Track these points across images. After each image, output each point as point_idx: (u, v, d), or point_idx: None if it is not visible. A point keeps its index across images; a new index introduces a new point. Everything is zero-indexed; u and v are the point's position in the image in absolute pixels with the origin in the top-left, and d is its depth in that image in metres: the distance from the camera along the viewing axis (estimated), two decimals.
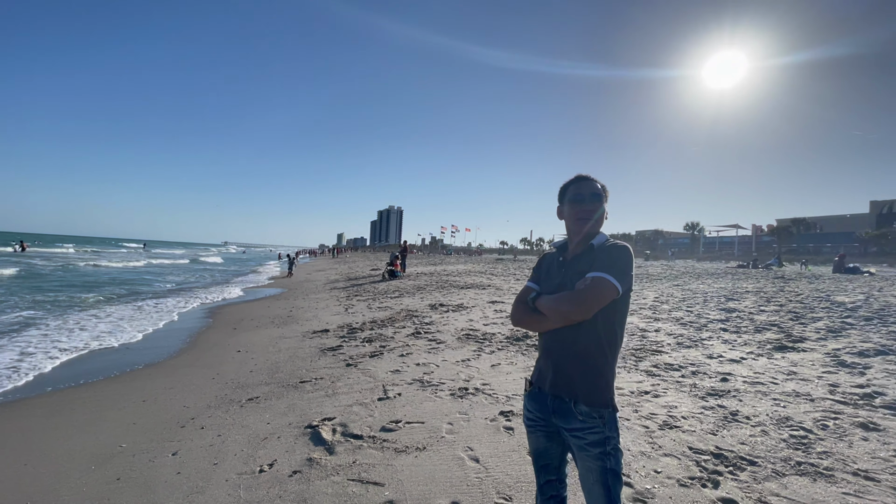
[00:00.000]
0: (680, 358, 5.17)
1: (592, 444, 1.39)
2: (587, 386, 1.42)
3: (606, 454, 1.38)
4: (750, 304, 9.57)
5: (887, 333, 6.34)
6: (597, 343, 1.43)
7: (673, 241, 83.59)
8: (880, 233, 53.40)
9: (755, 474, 2.55)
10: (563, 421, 1.46)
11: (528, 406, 1.59)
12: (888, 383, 4.15)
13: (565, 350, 1.46)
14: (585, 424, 1.40)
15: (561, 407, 1.46)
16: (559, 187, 1.62)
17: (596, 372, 1.43)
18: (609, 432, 1.40)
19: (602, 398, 1.42)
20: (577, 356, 1.44)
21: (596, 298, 1.36)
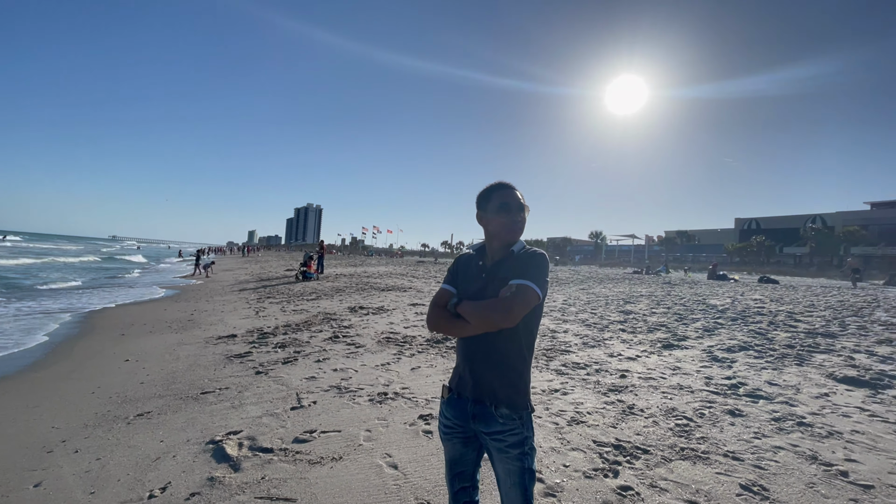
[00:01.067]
0: (585, 357, 5.58)
1: (512, 446, 1.43)
2: (509, 390, 1.46)
3: (525, 454, 1.43)
4: (644, 307, 10.65)
5: (748, 332, 7.44)
6: (517, 348, 1.47)
7: (579, 248, 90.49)
8: (743, 245, 62.86)
9: (648, 461, 2.83)
10: (484, 426, 1.48)
11: (446, 413, 1.57)
12: (749, 374, 4.87)
13: (487, 355, 1.48)
14: (506, 427, 1.44)
15: (482, 412, 1.48)
16: (479, 193, 1.60)
17: (517, 375, 1.47)
18: (527, 432, 1.46)
19: (522, 401, 1.47)
20: (499, 361, 1.47)
21: (522, 306, 1.39)
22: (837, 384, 4.56)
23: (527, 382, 1.50)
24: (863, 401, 4.05)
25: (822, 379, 4.73)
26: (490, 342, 1.47)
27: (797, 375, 4.84)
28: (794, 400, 4.05)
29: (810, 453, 2.97)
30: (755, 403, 3.95)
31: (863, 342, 6.65)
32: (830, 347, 6.23)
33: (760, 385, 4.47)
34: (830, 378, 4.75)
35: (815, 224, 59.71)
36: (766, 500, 2.41)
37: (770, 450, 3.02)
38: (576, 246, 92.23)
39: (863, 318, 9.19)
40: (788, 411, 3.75)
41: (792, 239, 61.19)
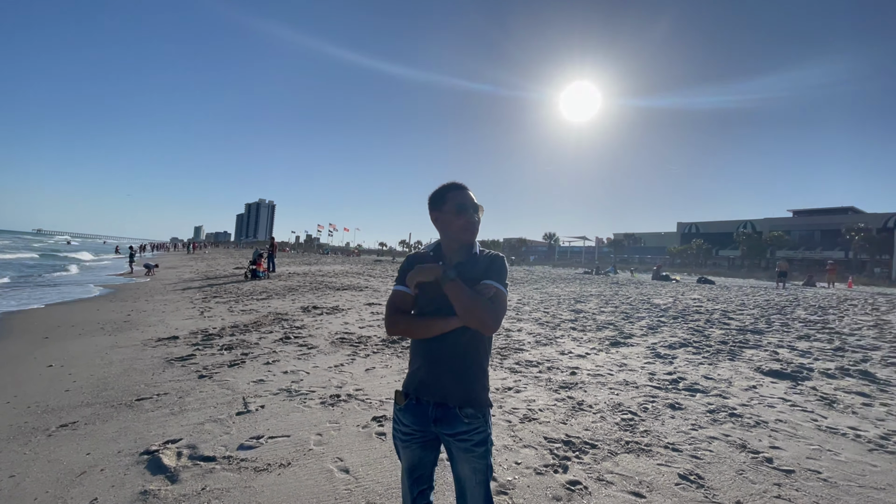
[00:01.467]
0: (538, 355, 5.72)
1: (478, 444, 1.45)
2: (475, 389, 1.48)
3: (488, 451, 1.47)
4: (593, 306, 11.08)
5: (687, 329, 7.91)
6: (482, 347, 1.51)
7: (534, 249, 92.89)
8: (684, 248, 67.05)
9: (595, 456, 2.93)
10: (448, 428, 1.46)
11: (403, 420, 1.51)
12: (688, 369, 5.17)
13: (454, 355, 1.46)
14: (471, 426, 1.45)
15: (446, 414, 1.46)
16: (432, 193, 1.58)
17: (483, 373, 1.51)
18: (489, 429, 1.50)
19: (486, 398, 1.50)
20: (466, 360, 1.47)
21: (504, 310, 1.45)
22: (764, 377, 4.94)
23: (488, 380, 1.55)
24: (785, 392, 4.42)
25: (751, 372, 5.11)
26: (456, 341, 1.45)
27: (729, 370, 5.21)
28: (726, 393, 4.35)
29: (740, 442, 3.20)
30: (693, 397, 4.20)
31: (785, 338, 7.26)
32: (758, 343, 6.76)
33: (698, 379, 4.77)
34: (758, 371, 5.15)
35: (745, 229, 64.65)
36: (702, 487, 2.56)
37: (705, 440, 3.22)
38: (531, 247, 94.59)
39: (786, 316, 10.03)
40: (722, 403, 4.02)
41: (727, 242, 65.95)
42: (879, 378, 4.98)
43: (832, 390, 4.50)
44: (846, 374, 5.09)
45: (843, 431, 3.45)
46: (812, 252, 56.49)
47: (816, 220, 62.11)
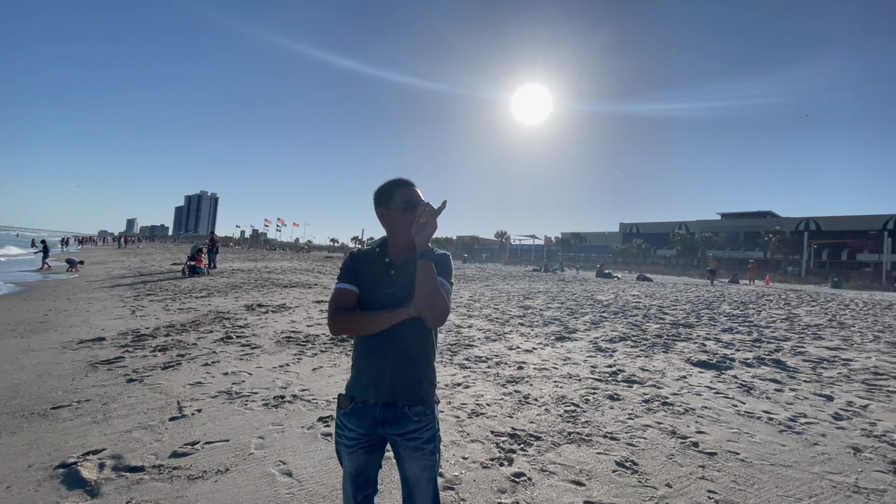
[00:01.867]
0: (487, 350, 5.83)
1: (427, 441, 1.44)
2: (424, 386, 1.47)
3: (436, 448, 1.46)
4: (541, 303, 11.44)
5: (627, 324, 8.36)
6: (429, 343, 1.50)
7: (486, 247, 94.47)
8: (625, 247, 70.91)
9: (539, 447, 3.03)
10: (397, 428, 1.43)
11: (349, 425, 1.46)
12: (626, 362, 5.47)
13: (403, 353, 1.43)
14: (420, 424, 1.43)
15: (395, 414, 1.43)
16: (378, 189, 1.55)
17: (429, 370, 1.50)
18: (438, 426, 1.49)
19: (433, 395, 1.50)
20: (415, 357, 1.46)
21: (448, 302, 1.44)
22: (693, 367, 5.33)
23: (436, 376, 1.55)
24: (710, 381, 4.79)
25: (682, 363, 5.50)
26: (403, 338, 1.43)
27: (663, 361, 5.57)
28: (660, 383, 4.65)
29: (671, 429, 3.43)
30: (630, 388, 4.45)
31: (712, 331, 7.87)
32: (689, 336, 7.27)
33: (635, 371, 5.06)
34: (688, 362, 5.54)
35: (680, 230, 69.34)
36: (636, 473, 2.72)
37: (640, 428, 3.42)
38: (483, 244, 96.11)
39: (713, 311, 10.87)
40: (656, 393, 4.29)
41: (664, 242, 70.40)
42: (789, 366, 5.53)
43: (750, 378, 4.94)
44: (762, 363, 5.61)
45: (758, 415, 3.80)
46: (737, 252, 61.63)
47: (741, 223, 67.81)
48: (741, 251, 61.59)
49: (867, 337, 8.03)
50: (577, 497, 2.43)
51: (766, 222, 62.72)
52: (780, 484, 2.66)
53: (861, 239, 54.24)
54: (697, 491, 2.54)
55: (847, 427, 3.60)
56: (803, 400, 4.26)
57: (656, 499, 2.44)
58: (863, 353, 6.50)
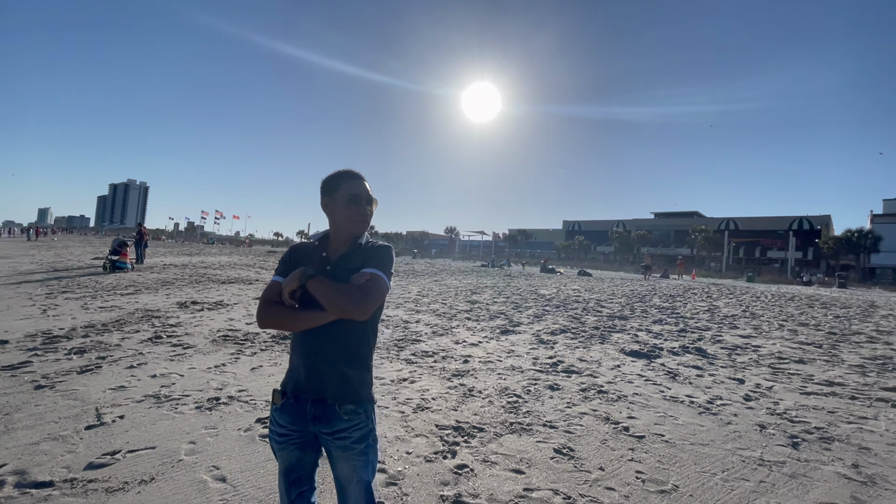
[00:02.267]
0: (434, 345, 5.86)
1: (358, 441, 1.40)
2: (355, 384, 1.42)
3: (369, 447, 1.43)
4: (487, 297, 11.67)
5: (567, 317, 8.74)
6: (365, 340, 1.45)
7: (436, 242, 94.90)
8: (568, 244, 74.04)
9: (482, 439, 3.10)
10: (326, 426, 1.40)
11: (280, 420, 1.45)
12: (566, 353, 5.72)
13: (333, 349, 1.41)
14: (351, 423, 1.40)
15: (324, 412, 1.40)
16: (325, 178, 1.52)
17: (364, 368, 1.46)
18: (371, 424, 1.45)
19: (367, 393, 1.45)
20: (345, 354, 1.42)
21: (375, 297, 1.37)
22: (626, 357, 5.68)
23: (371, 375, 1.49)
24: (641, 369, 5.13)
25: (616, 353, 5.84)
26: (335, 335, 1.40)
27: (600, 352, 5.88)
28: (596, 372, 4.91)
29: (605, 415, 3.64)
30: (569, 378, 4.66)
31: (644, 322, 8.42)
32: (623, 328, 7.73)
33: (574, 362, 5.30)
34: (622, 352, 5.90)
35: (618, 228, 73.47)
36: (573, 459, 2.86)
37: (577, 416, 3.60)
38: (432, 240, 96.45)
39: (645, 304, 11.63)
40: (592, 382, 4.53)
41: (603, 239, 74.25)
42: (709, 353, 6.05)
43: (676, 365, 5.34)
44: (686, 351, 6.09)
45: (681, 399, 4.12)
46: (668, 249, 66.31)
47: (671, 222, 72.95)
48: (672, 248, 66.36)
49: (773, 325, 8.96)
50: (517, 485, 2.51)
51: (693, 221, 67.97)
52: (699, 461, 2.90)
53: (771, 238, 60.27)
54: (627, 472, 2.71)
55: (755, 407, 4.00)
56: (720, 384, 4.68)
57: (590, 482, 2.58)
58: (770, 340, 7.25)
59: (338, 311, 1.34)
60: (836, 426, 3.61)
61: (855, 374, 5.33)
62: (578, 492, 2.47)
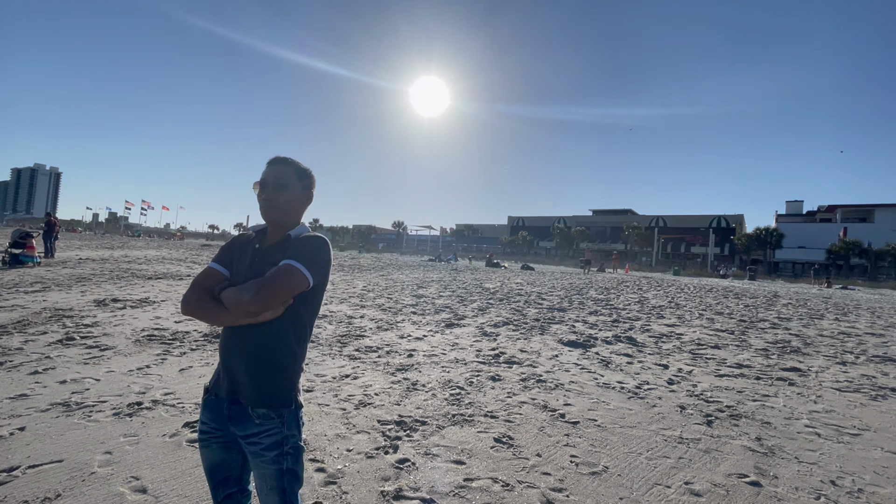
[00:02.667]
0: (378, 340, 5.80)
1: (269, 448, 1.31)
2: (269, 387, 1.34)
3: (284, 455, 1.32)
4: (433, 291, 11.72)
5: (510, 310, 8.99)
6: (284, 339, 1.35)
7: (383, 237, 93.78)
8: (513, 239, 76.13)
9: (425, 432, 3.11)
10: (240, 428, 1.34)
11: (204, 417, 1.40)
12: (508, 344, 5.89)
13: (245, 348, 1.34)
14: (262, 428, 1.32)
15: (239, 413, 1.34)
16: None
17: (279, 370, 1.35)
18: (288, 431, 1.34)
19: (285, 397, 1.35)
20: (260, 354, 1.34)
21: (284, 288, 1.27)
22: (564, 347, 5.94)
23: (293, 378, 1.38)
24: (577, 358, 5.39)
25: (555, 343, 6.09)
26: (250, 332, 1.33)
27: (539, 343, 6.11)
28: (536, 362, 5.09)
29: (543, 403, 3.78)
30: (510, 368, 4.80)
31: (581, 314, 8.85)
32: (562, 319, 8.08)
33: (515, 353, 5.47)
34: (560, 342, 6.16)
35: (559, 224, 76.57)
36: (511, 447, 2.95)
37: (517, 405, 3.72)
38: (380, 234, 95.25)
39: (583, 296, 12.22)
40: (532, 372, 4.70)
41: (545, 235, 77.07)
42: (639, 342, 6.48)
43: (609, 354, 5.67)
44: (618, 340, 6.48)
45: (613, 385, 4.38)
46: (604, 244, 70.12)
47: (607, 219, 77.17)
48: (608, 243, 70.24)
49: (694, 315, 9.78)
50: (457, 476, 2.55)
51: (627, 219, 72.34)
52: (627, 443, 3.10)
53: (695, 234, 65.56)
54: (562, 457, 2.84)
55: (677, 390, 4.35)
56: (647, 370, 5.03)
57: (528, 468, 2.68)
58: (691, 328, 7.90)
59: (238, 308, 1.27)
60: (743, 404, 4.01)
61: (760, 356, 5.95)
62: (516, 478, 2.55)
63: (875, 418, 3.81)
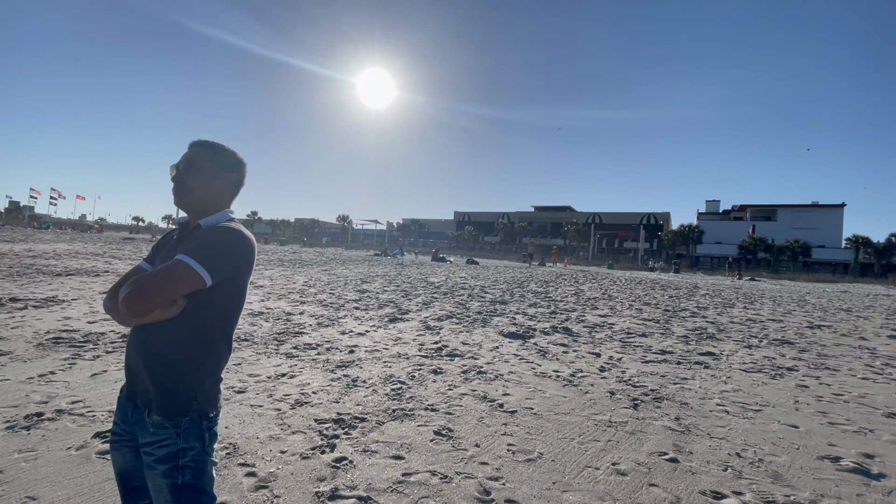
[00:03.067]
0: (318, 337, 5.62)
1: (161, 461, 1.19)
2: (164, 393, 1.21)
3: (179, 469, 1.19)
4: (378, 286, 11.58)
5: (454, 303, 9.08)
6: (181, 343, 1.21)
7: (328, 231, 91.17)
8: (458, 234, 77.03)
9: (364, 429, 3.05)
10: (141, 434, 1.23)
11: (116, 417, 1.32)
12: (450, 338, 5.94)
13: (143, 350, 1.23)
14: (156, 437, 1.20)
15: (138, 418, 1.24)
16: None
17: (174, 377, 1.22)
18: (186, 443, 1.21)
19: (180, 406, 1.21)
20: (154, 358, 1.22)
21: (164, 287, 1.13)
22: (504, 338, 6.10)
23: (191, 386, 1.23)
24: (517, 349, 5.56)
25: (496, 335, 6.24)
26: (145, 334, 1.23)
27: (481, 335, 6.23)
28: (477, 354, 5.18)
29: (483, 394, 3.85)
30: (452, 361, 4.84)
31: (521, 306, 9.13)
32: (503, 312, 8.29)
33: (458, 346, 5.53)
34: (500, 334, 6.32)
35: (503, 220, 78.49)
36: (451, 439, 2.98)
37: (458, 397, 3.76)
38: (324, 228, 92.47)
39: (523, 289, 12.62)
40: (473, 364, 4.77)
41: (490, 230, 78.67)
42: (574, 332, 6.79)
43: (546, 344, 5.90)
44: (555, 331, 6.76)
45: (549, 374, 4.56)
46: (545, 239, 72.84)
47: (548, 215, 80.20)
48: (549, 238, 73.01)
49: (625, 305, 10.43)
50: (396, 471, 2.53)
51: (566, 215, 75.62)
52: (561, 429, 3.24)
53: (627, 230, 69.91)
54: (500, 446, 2.91)
55: (607, 376, 4.61)
56: (581, 358, 5.29)
57: (466, 459, 2.71)
58: (622, 318, 8.42)
59: (121, 307, 1.15)
60: (665, 387, 4.33)
61: (681, 343, 6.46)
62: (455, 470, 2.58)
63: (773, 395, 4.27)
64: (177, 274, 1.14)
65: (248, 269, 1.30)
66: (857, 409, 3.95)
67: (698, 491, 2.47)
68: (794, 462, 2.88)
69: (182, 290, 1.17)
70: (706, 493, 2.45)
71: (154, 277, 1.14)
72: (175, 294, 1.16)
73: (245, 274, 1.30)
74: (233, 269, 1.24)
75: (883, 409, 3.99)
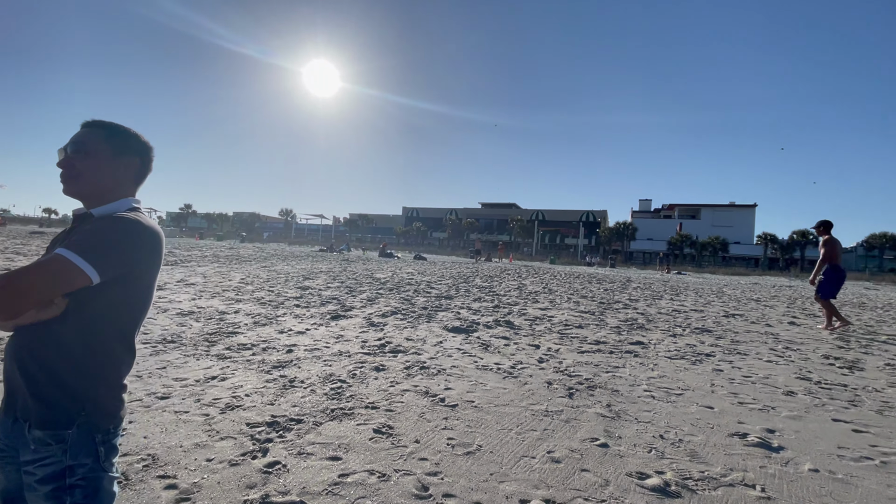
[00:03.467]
0: (254, 336, 5.35)
1: (43, 481, 1.06)
2: (42, 405, 1.08)
3: (66, 489, 1.07)
4: (321, 282, 11.23)
5: (399, 299, 9.01)
6: (62, 346, 1.09)
7: (269, 225, 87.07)
8: (407, 229, 76.66)
9: (300, 431, 2.94)
10: (22, 451, 1.10)
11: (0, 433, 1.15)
12: (394, 334, 5.88)
13: (18, 354, 1.10)
14: (38, 455, 1.07)
15: (18, 433, 1.10)
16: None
17: (56, 385, 1.09)
18: (74, 460, 1.08)
19: (64, 419, 1.09)
20: (30, 362, 1.09)
21: (34, 284, 0.99)
22: (448, 333, 6.14)
23: (80, 394, 1.11)
24: (460, 343, 5.61)
25: (440, 330, 6.26)
26: (24, 336, 1.10)
27: (425, 330, 6.22)
28: (421, 350, 5.17)
29: (425, 390, 3.85)
30: (395, 357, 4.79)
31: (466, 301, 9.24)
32: (448, 306, 8.34)
33: (401, 342, 5.48)
34: (445, 329, 6.35)
35: (451, 216, 79.10)
36: (390, 436, 2.94)
37: (399, 393, 3.72)
38: (265, 223, 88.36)
39: (469, 284, 12.78)
40: (416, 359, 4.75)
41: (438, 226, 79.00)
42: (515, 325, 6.98)
43: (489, 337, 6.01)
44: (498, 325, 6.90)
45: (490, 367, 4.64)
46: (492, 235, 74.36)
47: (495, 212, 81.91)
48: (495, 234, 74.61)
49: (564, 299, 10.88)
50: (332, 473, 2.45)
51: (511, 212, 77.61)
52: (500, 420, 3.30)
53: (568, 227, 73.03)
54: (440, 441, 2.92)
55: (545, 367, 4.77)
56: (522, 351, 5.44)
57: (405, 456, 2.69)
58: (560, 311, 8.77)
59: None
60: (598, 376, 4.56)
61: (613, 333, 6.84)
62: (393, 467, 2.55)
63: (693, 379, 4.63)
64: (52, 269, 1.01)
65: (151, 264, 1.18)
66: (762, 389, 4.38)
67: (625, 473, 2.62)
68: (708, 440, 3.14)
69: (61, 289, 1.03)
70: (632, 475, 2.60)
71: (25, 273, 1.00)
72: (51, 292, 1.02)
73: (147, 269, 1.18)
74: (128, 264, 1.12)
75: (783, 387, 4.46)
